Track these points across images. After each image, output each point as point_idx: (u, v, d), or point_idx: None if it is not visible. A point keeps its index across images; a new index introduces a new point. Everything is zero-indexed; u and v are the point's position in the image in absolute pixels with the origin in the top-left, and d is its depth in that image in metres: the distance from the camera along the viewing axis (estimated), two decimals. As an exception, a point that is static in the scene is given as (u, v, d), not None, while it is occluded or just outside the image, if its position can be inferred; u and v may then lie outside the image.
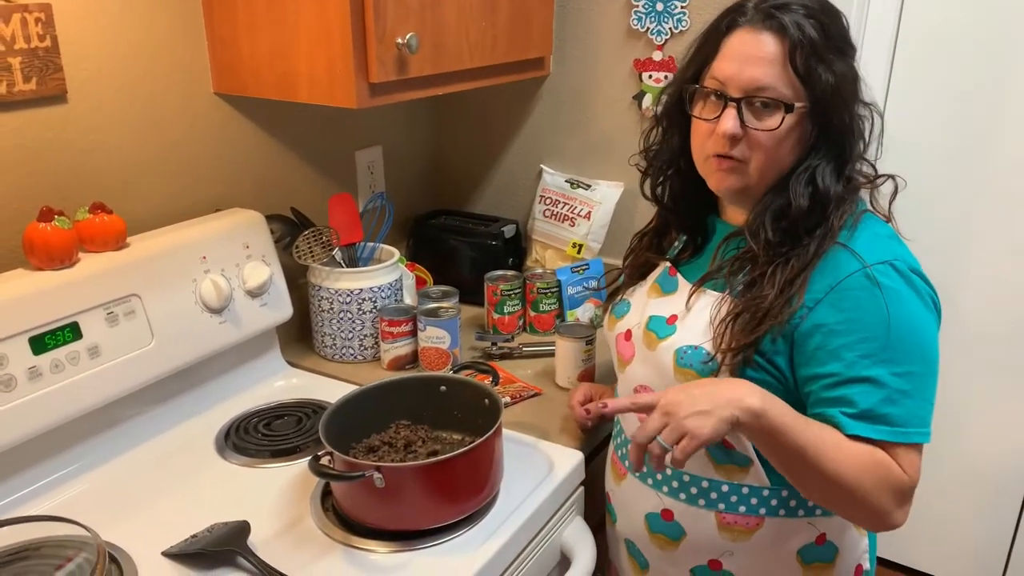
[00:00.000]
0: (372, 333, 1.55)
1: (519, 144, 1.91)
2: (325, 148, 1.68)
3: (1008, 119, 1.89)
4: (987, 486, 2.17)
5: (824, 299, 0.95)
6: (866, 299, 0.93)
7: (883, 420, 0.92)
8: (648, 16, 1.64)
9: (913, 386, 0.93)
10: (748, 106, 0.97)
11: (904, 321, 0.93)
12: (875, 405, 0.92)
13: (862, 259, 0.94)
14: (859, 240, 0.97)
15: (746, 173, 1.00)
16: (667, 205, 1.16)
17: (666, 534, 1.13)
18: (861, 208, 1.02)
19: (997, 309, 2.03)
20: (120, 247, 1.24)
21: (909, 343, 0.93)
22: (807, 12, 0.96)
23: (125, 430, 1.26)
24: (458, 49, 1.43)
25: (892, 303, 0.93)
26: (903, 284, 0.94)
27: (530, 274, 1.74)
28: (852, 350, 0.93)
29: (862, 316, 0.93)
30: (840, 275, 0.95)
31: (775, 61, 0.96)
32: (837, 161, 0.99)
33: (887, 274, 0.94)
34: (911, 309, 0.94)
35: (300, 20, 1.28)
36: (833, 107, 0.97)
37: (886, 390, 0.92)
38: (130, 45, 1.29)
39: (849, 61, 0.99)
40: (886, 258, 0.95)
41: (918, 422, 0.93)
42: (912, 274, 0.96)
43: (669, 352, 1.04)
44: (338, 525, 1.08)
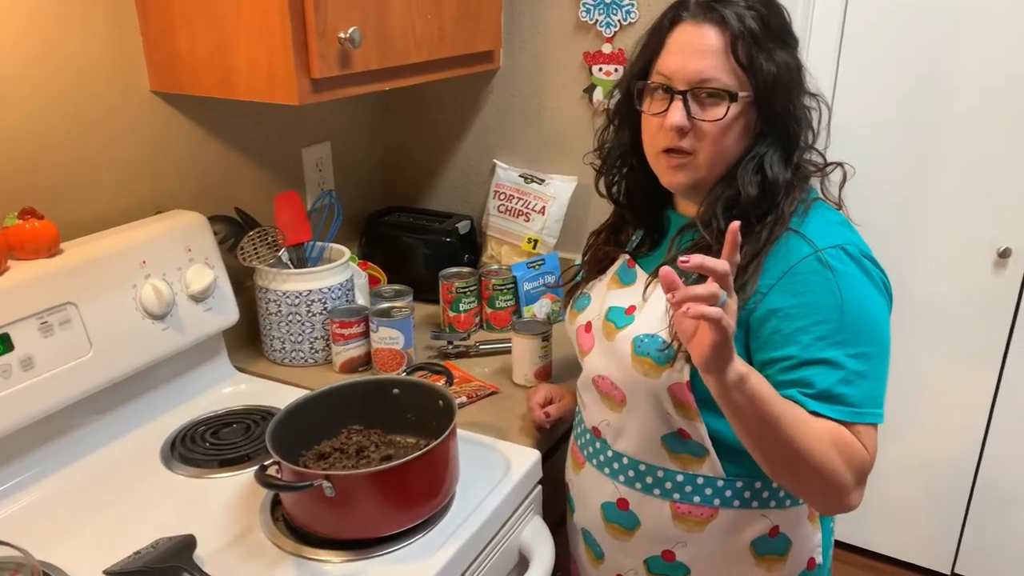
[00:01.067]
0: (323, 335, 1.51)
1: (472, 139, 1.89)
2: (270, 146, 1.64)
3: (953, 106, 1.92)
4: (939, 468, 2.22)
5: (777, 284, 0.96)
6: (819, 282, 0.94)
7: (840, 400, 0.93)
8: (596, 8, 1.63)
9: (868, 367, 0.94)
10: (694, 98, 0.98)
11: (857, 303, 0.94)
12: (832, 385, 0.93)
13: (813, 244, 0.95)
14: (810, 226, 0.98)
15: (696, 166, 1.01)
16: (622, 202, 1.17)
17: (621, 523, 1.13)
18: (812, 196, 1.03)
19: (946, 293, 2.07)
20: (53, 254, 1.19)
21: (863, 325, 0.94)
22: (747, 4, 0.98)
23: (64, 444, 1.21)
24: (404, 43, 1.40)
25: (844, 286, 0.94)
26: (855, 267, 0.95)
27: (486, 271, 1.72)
28: (808, 333, 0.94)
29: (816, 299, 0.94)
30: (792, 260, 0.96)
31: (717, 52, 0.97)
32: (784, 149, 1.00)
33: (839, 258, 0.95)
34: (863, 292, 0.95)
35: (239, 14, 1.24)
36: (776, 96, 0.98)
37: (842, 371, 0.93)
38: (60, 42, 1.24)
39: (792, 52, 1.00)
40: (837, 242, 0.96)
41: (873, 402, 0.94)
42: (863, 258, 0.97)
43: (627, 341, 1.05)
44: (289, 536, 1.05)
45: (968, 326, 2.07)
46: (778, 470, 0.95)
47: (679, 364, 1.00)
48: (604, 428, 1.13)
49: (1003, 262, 1.99)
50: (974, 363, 2.09)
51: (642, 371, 1.03)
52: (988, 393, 2.10)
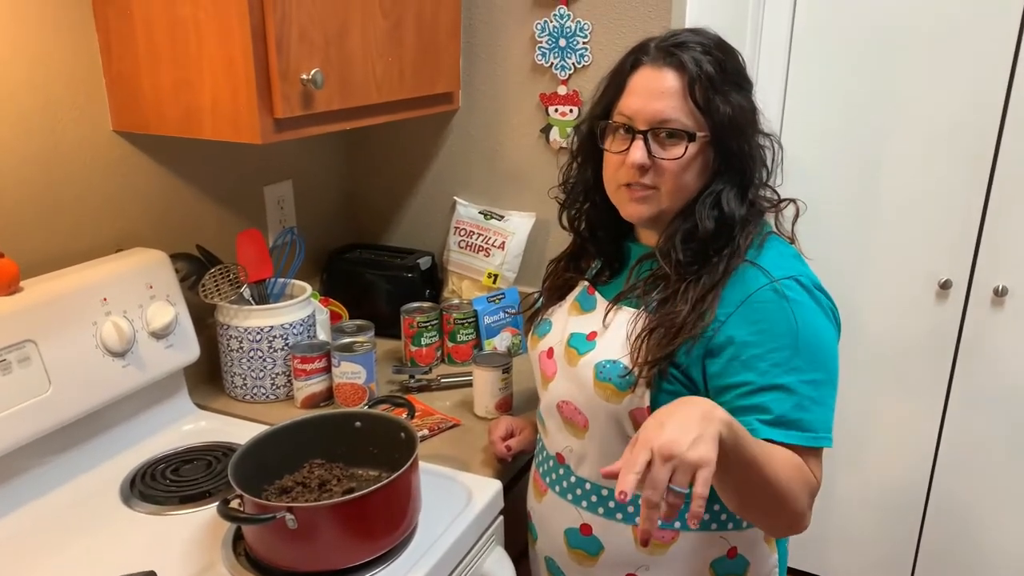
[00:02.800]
0: (284, 371, 1.52)
1: (432, 177, 1.93)
2: (232, 184, 1.65)
3: (894, 141, 2.01)
4: (890, 496, 2.27)
5: (735, 312, 1.00)
6: (775, 311, 0.99)
7: (796, 426, 0.96)
8: (552, 52, 1.69)
9: (820, 393, 0.98)
10: (654, 137, 1.03)
11: (810, 332, 0.99)
12: (787, 411, 0.97)
13: (769, 275, 1.01)
14: (765, 258, 1.03)
15: (657, 199, 1.06)
16: (584, 235, 1.21)
17: (585, 549, 1.15)
18: (766, 230, 1.08)
19: (892, 325, 2.14)
20: (13, 291, 1.19)
21: (815, 352, 0.99)
22: (704, 49, 1.03)
23: (23, 482, 1.20)
24: (365, 84, 1.44)
25: (799, 315, 0.99)
26: (807, 298, 1.00)
27: (447, 305, 1.74)
28: (764, 360, 0.98)
29: (772, 327, 0.98)
30: (749, 289, 1.00)
31: (676, 94, 1.02)
32: (740, 186, 1.05)
33: (793, 288, 1.00)
34: (815, 321, 1.00)
35: (202, 56, 1.27)
36: (732, 135, 1.03)
37: (797, 397, 0.97)
38: (21, 81, 1.25)
39: (746, 94, 1.06)
40: (791, 274, 1.01)
41: (825, 427, 0.99)
42: (815, 289, 1.02)
43: (589, 367, 1.08)
44: (251, 570, 1.05)
45: (914, 357, 2.14)
46: (748, 505, 0.95)
47: (640, 390, 1.03)
48: (567, 454, 1.15)
49: (944, 293, 2.08)
50: (921, 392, 2.16)
51: (604, 396, 1.06)
52: (935, 421, 2.17)
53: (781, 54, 2.02)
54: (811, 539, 2.38)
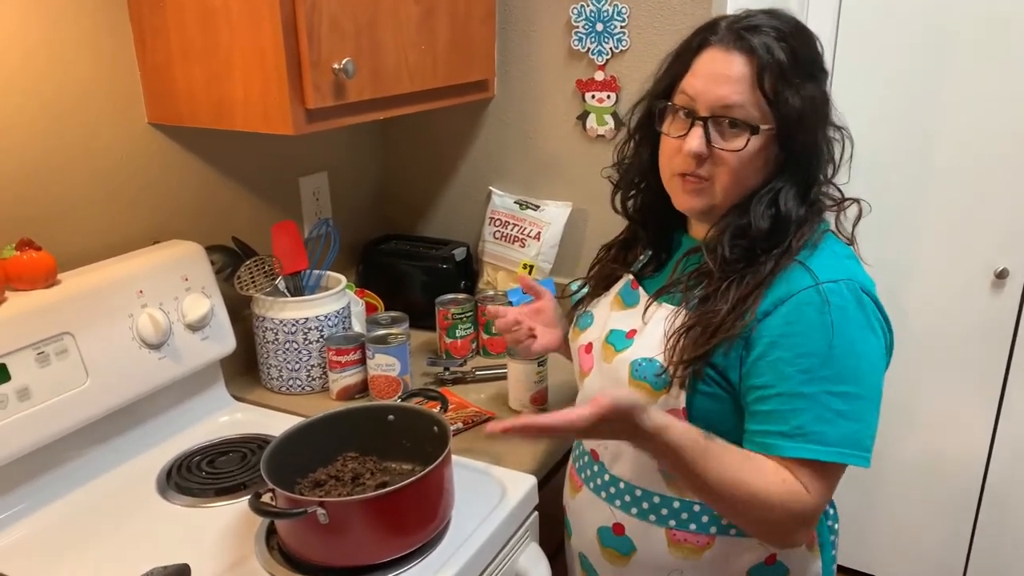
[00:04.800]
0: (320, 363, 1.51)
1: (467, 167, 1.90)
2: (267, 175, 1.65)
3: (949, 126, 1.94)
4: (943, 491, 2.20)
5: (774, 311, 0.95)
6: (812, 315, 0.93)
7: (814, 438, 0.91)
8: (588, 37, 1.65)
9: (850, 407, 0.92)
10: (715, 125, 0.97)
11: (847, 341, 0.93)
12: (806, 422, 0.92)
13: (816, 276, 0.94)
14: (817, 259, 0.97)
15: (711, 192, 1.00)
16: (636, 219, 1.16)
17: (617, 549, 1.12)
18: (823, 228, 1.02)
19: (948, 317, 2.07)
20: (50, 284, 1.20)
21: (850, 364, 0.93)
22: (778, 35, 0.95)
23: (61, 474, 1.21)
24: (397, 73, 1.42)
25: (838, 322, 0.92)
26: (853, 305, 0.94)
27: (482, 297, 1.72)
28: (791, 364, 0.93)
29: (805, 332, 0.93)
30: (792, 290, 0.95)
31: (743, 81, 0.95)
32: (802, 184, 0.99)
33: (839, 293, 0.93)
34: (856, 331, 0.94)
35: (234, 47, 1.26)
36: (799, 131, 0.96)
37: (819, 408, 0.92)
38: (60, 76, 1.26)
39: (820, 85, 0.98)
40: (840, 277, 0.95)
41: (853, 444, 0.92)
42: (865, 296, 0.95)
43: (624, 364, 1.04)
44: (284, 564, 1.04)
45: (967, 348, 2.07)
46: (715, 507, 0.99)
47: (675, 390, 0.99)
48: (602, 451, 1.13)
49: (1000, 283, 2.00)
50: (975, 385, 2.09)
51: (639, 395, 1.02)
52: (990, 414, 2.09)
53: (828, 41, 1.95)
54: (860, 536, 2.32)
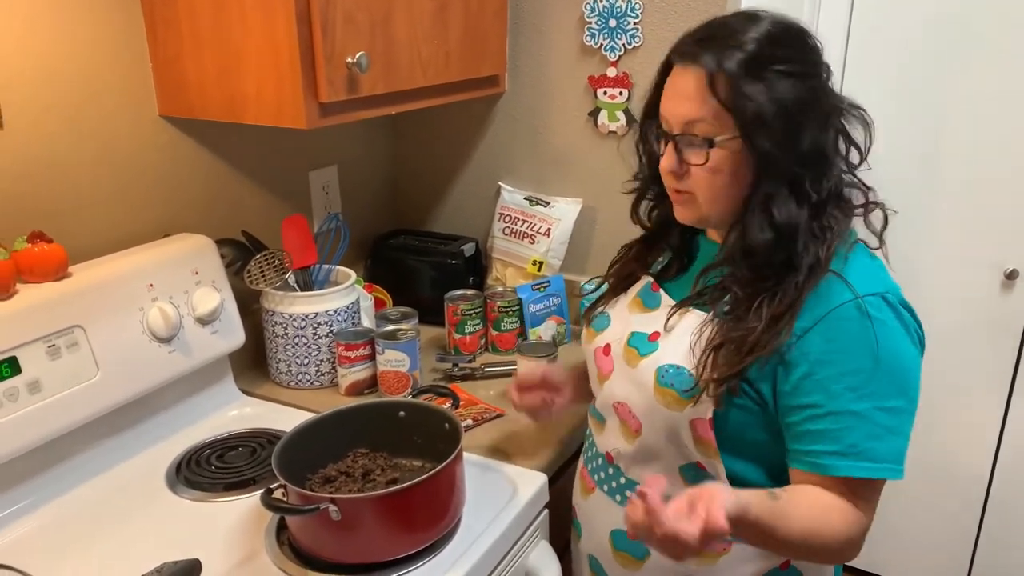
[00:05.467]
0: (329, 358, 1.51)
1: (477, 162, 1.90)
2: (277, 169, 1.65)
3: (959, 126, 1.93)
4: (949, 492, 2.19)
5: (813, 328, 0.93)
6: (856, 330, 0.92)
7: (866, 456, 0.91)
8: (601, 32, 1.64)
9: (897, 422, 0.93)
10: (683, 142, 0.97)
11: (892, 355, 0.92)
12: (859, 440, 0.91)
13: (854, 290, 0.93)
14: (851, 270, 0.95)
15: (697, 205, 1.00)
16: (654, 229, 1.15)
17: (630, 552, 1.11)
18: (853, 238, 1.00)
19: (957, 317, 2.06)
20: (61, 277, 1.19)
21: (896, 377, 0.93)
22: (736, 40, 0.93)
23: (71, 467, 1.21)
24: (410, 67, 1.41)
25: (881, 336, 0.91)
26: (893, 318, 0.93)
27: (491, 293, 1.72)
28: (838, 382, 0.92)
29: (850, 347, 0.92)
30: (832, 304, 0.93)
31: (698, 95, 0.94)
32: (793, 187, 0.95)
33: (878, 307, 0.92)
34: (899, 344, 0.93)
35: (247, 40, 1.25)
36: (764, 133, 0.92)
37: (870, 425, 0.91)
38: (70, 68, 1.25)
39: (802, 80, 0.93)
40: (878, 290, 0.93)
41: (895, 457, 0.93)
42: (901, 308, 0.95)
43: (650, 370, 1.02)
44: (294, 560, 1.04)
45: (976, 348, 2.06)
46: (788, 555, 1.03)
47: (704, 402, 0.97)
48: (617, 455, 1.12)
49: (1010, 283, 1.99)
50: (982, 385, 2.08)
51: (664, 402, 1.01)
52: (998, 415, 2.09)
53: (839, 40, 1.94)
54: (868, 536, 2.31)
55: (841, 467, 0.92)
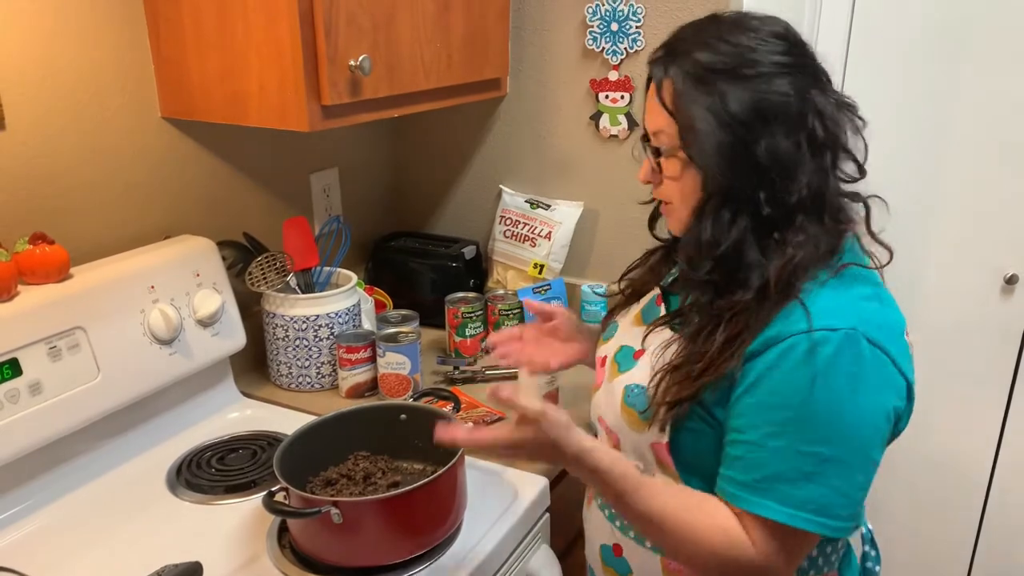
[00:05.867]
0: (330, 360, 1.51)
1: (478, 165, 1.90)
2: (279, 171, 1.65)
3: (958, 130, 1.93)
4: (947, 497, 2.19)
5: (761, 353, 0.87)
6: (794, 365, 0.84)
7: (773, 496, 0.85)
8: (603, 36, 1.64)
9: (820, 470, 0.83)
10: (652, 152, 0.97)
11: (827, 399, 0.83)
12: (769, 477, 0.85)
13: (811, 321, 0.84)
14: (822, 297, 0.87)
15: (678, 215, 0.98)
16: (670, 240, 1.12)
17: (616, 569, 1.09)
18: (845, 259, 0.90)
19: (956, 321, 2.06)
20: (63, 278, 1.19)
21: (824, 423, 0.83)
22: (684, 48, 0.90)
23: (71, 469, 1.21)
24: (413, 70, 1.41)
25: (822, 376, 0.83)
26: (849, 359, 0.83)
27: (491, 295, 1.72)
28: (761, 413, 0.86)
29: (783, 381, 0.85)
30: (784, 332, 0.86)
31: (655, 107, 0.93)
32: (739, 200, 0.88)
33: (833, 343, 0.83)
34: (844, 387, 0.83)
35: (250, 42, 1.25)
36: (695, 141, 0.88)
37: (785, 466, 0.84)
38: (72, 70, 1.25)
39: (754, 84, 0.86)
40: (842, 325, 0.84)
41: (815, 509, 0.84)
42: (873, 349, 0.84)
43: (620, 387, 1.01)
44: (295, 563, 1.04)
45: (976, 353, 2.06)
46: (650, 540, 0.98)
47: (653, 429, 0.94)
48: None
49: (1010, 288, 1.99)
50: (982, 390, 2.08)
51: (628, 422, 0.98)
52: (997, 420, 2.08)
53: (839, 42, 1.94)
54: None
55: (740, 498, 0.87)
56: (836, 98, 0.92)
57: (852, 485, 0.85)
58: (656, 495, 0.90)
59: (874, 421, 0.85)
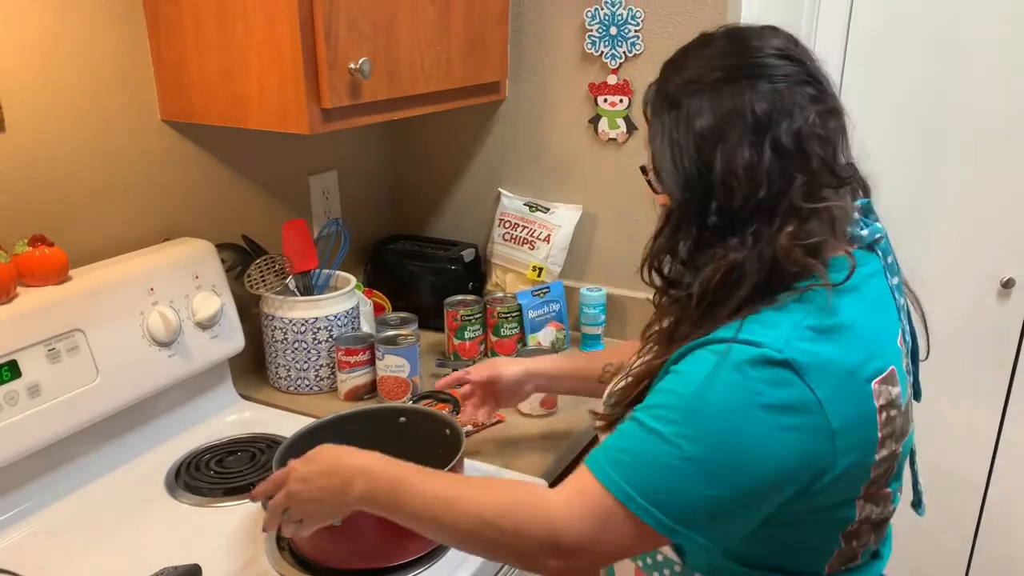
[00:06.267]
0: (328, 363, 1.51)
1: (477, 168, 1.90)
2: (278, 174, 1.65)
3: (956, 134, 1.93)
4: (945, 500, 2.20)
5: (686, 352, 0.83)
6: (704, 362, 0.79)
7: (619, 469, 0.80)
8: (602, 40, 1.64)
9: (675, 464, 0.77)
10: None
11: (722, 405, 0.77)
12: (624, 449, 0.81)
13: (739, 333, 0.79)
14: (763, 315, 0.80)
15: None
16: None
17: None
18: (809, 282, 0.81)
19: (952, 325, 2.07)
20: (62, 281, 1.19)
21: (709, 428, 0.77)
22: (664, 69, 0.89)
23: (70, 471, 1.21)
24: (412, 74, 1.42)
25: (724, 382, 0.77)
26: (758, 376, 0.76)
27: (490, 298, 1.72)
28: (656, 396, 0.83)
29: (689, 371, 0.80)
30: (712, 337, 0.81)
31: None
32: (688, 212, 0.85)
33: (749, 356, 0.77)
34: (738, 400, 0.77)
35: (250, 45, 1.25)
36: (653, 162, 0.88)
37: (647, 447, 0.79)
38: (72, 72, 1.25)
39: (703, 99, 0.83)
40: (767, 344, 0.77)
41: (626, 477, 0.78)
42: (791, 376, 0.76)
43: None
44: (295, 565, 1.04)
45: (973, 358, 2.06)
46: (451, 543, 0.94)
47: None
48: None
49: (1007, 292, 1.99)
50: (979, 394, 2.08)
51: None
52: (994, 423, 2.09)
53: (837, 46, 1.95)
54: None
55: (592, 457, 0.83)
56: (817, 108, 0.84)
57: (701, 496, 0.77)
58: (443, 477, 0.92)
59: (758, 449, 0.76)
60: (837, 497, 0.83)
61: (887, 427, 0.82)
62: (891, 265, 0.96)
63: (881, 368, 0.82)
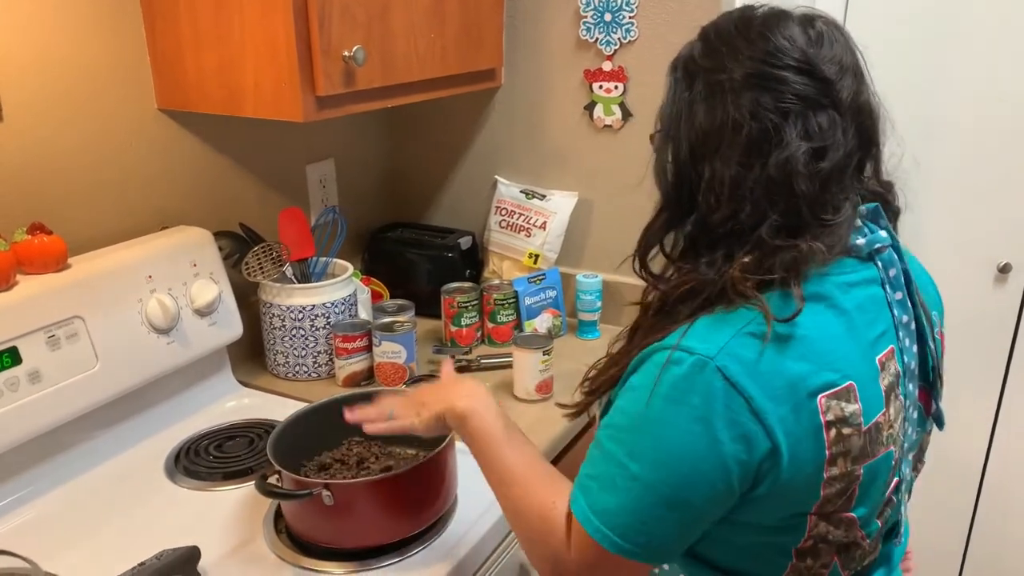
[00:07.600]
0: (326, 350, 1.52)
1: (473, 155, 1.91)
2: (275, 162, 1.66)
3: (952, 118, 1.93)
4: (941, 486, 2.21)
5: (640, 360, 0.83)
6: (647, 376, 0.79)
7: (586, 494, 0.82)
8: (597, 27, 1.65)
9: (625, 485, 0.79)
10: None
11: (659, 419, 0.77)
12: (589, 475, 0.83)
13: (681, 340, 0.78)
14: (707, 320, 0.80)
15: None
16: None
17: None
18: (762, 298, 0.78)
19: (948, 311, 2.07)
20: (61, 268, 1.21)
21: (650, 444, 0.78)
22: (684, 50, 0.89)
23: (71, 456, 1.22)
24: (407, 61, 1.42)
25: (659, 396, 0.77)
26: (692, 386, 0.76)
27: (487, 285, 1.73)
28: (611, 415, 0.84)
29: (637, 388, 0.81)
30: (660, 345, 0.80)
31: None
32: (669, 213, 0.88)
33: (684, 366, 0.76)
34: (674, 413, 0.77)
35: (245, 34, 1.26)
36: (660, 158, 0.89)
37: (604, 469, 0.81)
38: (70, 61, 1.26)
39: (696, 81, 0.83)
40: (702, 352, 0.76)
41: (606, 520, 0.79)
42: (727, 385, 0.75)
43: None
44: (291, 547, 1.06)
45: (969, 344, 2.07)
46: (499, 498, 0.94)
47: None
48: None
49: (1003, 277, 2.00)
50: (974, 380, 2.09)
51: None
52: (989, 410, 2.09)
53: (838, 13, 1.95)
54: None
55: (572, 494, 0.83)
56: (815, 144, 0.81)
57: (651, 515, 0.78)
58: (517, 451, 0.92)
59: (696, 461, 0.76)
60: (782, 511, 0.81)
61: (837, 445, 0.78)
62: (894, 279, 0.91)
63: (833, 382, 0.77)
